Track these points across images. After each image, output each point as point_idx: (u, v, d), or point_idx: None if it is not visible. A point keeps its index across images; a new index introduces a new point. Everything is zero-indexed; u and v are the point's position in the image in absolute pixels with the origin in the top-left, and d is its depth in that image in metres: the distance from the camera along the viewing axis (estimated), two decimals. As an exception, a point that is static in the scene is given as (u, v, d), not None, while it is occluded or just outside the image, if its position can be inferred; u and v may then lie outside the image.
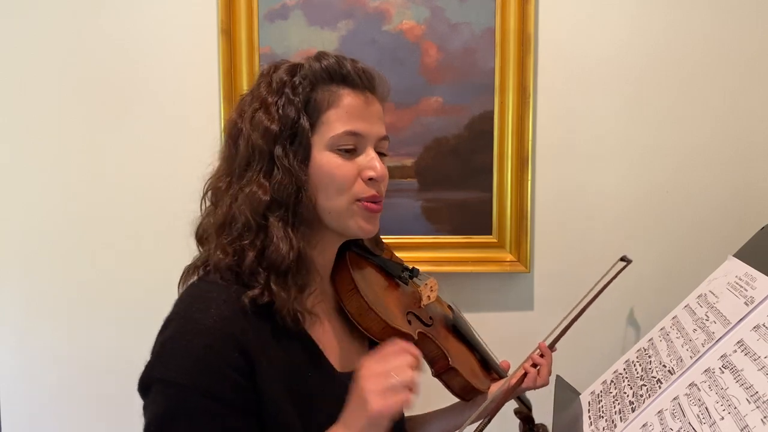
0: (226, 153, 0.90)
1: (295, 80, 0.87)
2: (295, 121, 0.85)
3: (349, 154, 0.88)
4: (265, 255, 0.83)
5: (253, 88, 0.91)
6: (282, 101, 0.86)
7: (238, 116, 0.89)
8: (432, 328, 1.06)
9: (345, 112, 0.87)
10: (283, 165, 0.84)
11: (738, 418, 0.71)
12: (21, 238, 1.57)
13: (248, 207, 0.84)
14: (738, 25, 1.51)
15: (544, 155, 1.54)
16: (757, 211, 1.51)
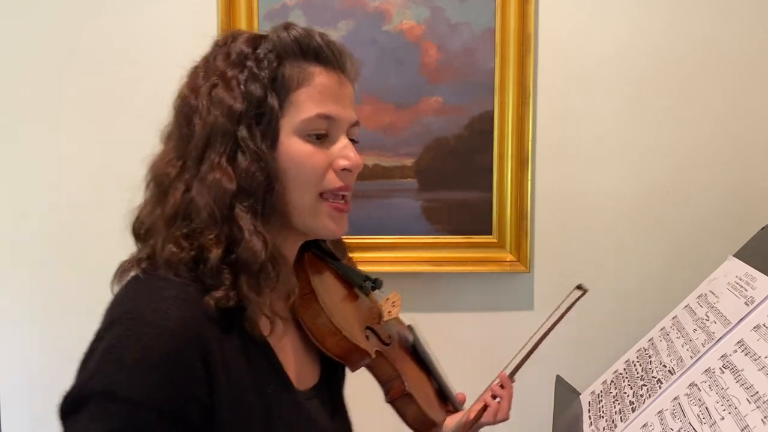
0: (176, 134, 0.77)
1: (259, 52, 0.76)
2: (262, 100, 0.74)
3: (319, 141, 0.77)
4: (233, 252, 0.71)
5: (207, 60, 0.79)
6: (244, 76, 0.75)
7: (191, 92, 0.77)
8: (390, 348, 0.96)
9: (317, 93, 0.76)
10: (250, 148, 0.73)
11: (738, 418, 0.71)
12: (21, 238, 1.57)
13: (211, 196, 0.71)
14: (738, 25, 1.51)
15: (544, 155, 1.54)
16: (757, 211, 1.51)
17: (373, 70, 1.50)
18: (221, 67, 0.76)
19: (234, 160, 0.73)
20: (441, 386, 1.10)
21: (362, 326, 0.90)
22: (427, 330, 1.14)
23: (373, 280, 0.95)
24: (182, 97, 0.78)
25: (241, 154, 0.73)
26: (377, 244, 1.54)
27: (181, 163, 0.75)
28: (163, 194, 0.75)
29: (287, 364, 0.79)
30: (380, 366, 0.94)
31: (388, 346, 0.96)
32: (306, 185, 0.77)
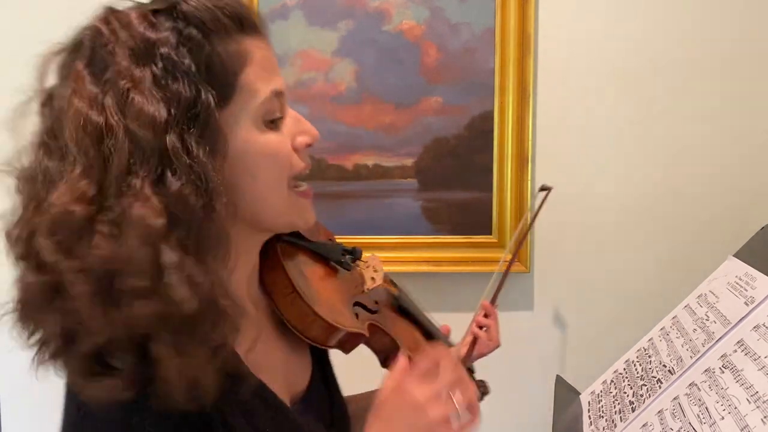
0: (82, 162, 0.56)
1: (169, 36, 0.59)
2: (193, 97, 0.58)
3: (275, 125, 0.66)
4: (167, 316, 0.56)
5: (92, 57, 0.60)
6: (159, 70, 0.58)
7: (90, 105, 0.57)
8: (378, 314, 0.91)
9: (261, 69, 0.64)
10: (184, 164, 0.56)
11: (738, 417, 0.71)
12: (21, 238, 1.57)
13: (138, 241, 0.54)
14: (739, 25, 1.51)
15: (544, 155, 1.54)
16: (757, 211, 1.51)
17: (373, 70, 1.50)
18: (123, 64, 0.58)
19: (161, 183, 0.56)
20: (429, 331, 1.06)
21: (349, 305, 0.84)
22: (427, 330, 1.14)
23: (351, 251, 0.88)
24: (77, 112, 0.57)
25: (171, 174, 0.56)
26: (377, 244, 1.54)
27: (94, 194, 0.56)
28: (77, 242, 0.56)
29: (276, 379, 0.72)
30: (375, 338, 0.89)
31: (377, 312, 0.91)
32: (278, 181, 0.66)
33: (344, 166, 1.53)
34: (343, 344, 0.81)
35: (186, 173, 0.57)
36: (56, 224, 0.56)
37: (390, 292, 1.01)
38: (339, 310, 0.80)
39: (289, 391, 0.76)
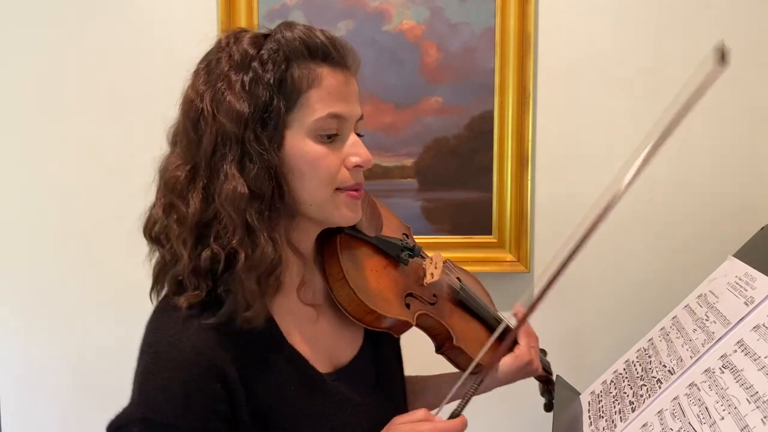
0: (183, 137, 0.79)
1: (264, 54, 0.77)
2: (268, 103, 0.76)
3: (330, 140, 0.80)
4: (250, 258, 0.75)
5: (209, 61, 0.80)
6: (248, 78, 0.76)
7: (196, 95, 0.78)
8: (435, 306, 1.00)
9: (327, 93, 0.79)
10: (258, 152, 0.75)
11: (738, 418, 0.71)
12: (21, 237, 1.57)
13: (230, 204, 0.75)
14: (739, 25, 1.51)
15: (544, 155, 1.54)
16: (757, 211, 1.51)
17: (373, 70, 1.50)
18: (225, 69, 0.77)
19: (243, 165, 0.75)
20: (490, 324, 1.10)
21: (401, 295, 0.95)
22: (427, 330, 1.14)
23: (411, 248, 1.00)
24: (188, 100, 0.79)
25: (248, 159, 0.75)
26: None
27: (190, 167, 0.77)
28: (179, 198, 0.77)
29: (316, 351, 0.85)
30: (427, 324, 0.99)
31: (434, 305, 1.00)
32: (320, 184, 0.80)
33: (344, 166, 1.53)
34: (390, 329, 0.92)
35: (259, 160, 0.75)
36: (166, 187, 0.78)
37: (453, 287, 1.09)
38: (386, 298, 0.91)
39: (331, 362, 0.88)
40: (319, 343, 0.87)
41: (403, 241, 1.01)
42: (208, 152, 0.76)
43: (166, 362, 0.74)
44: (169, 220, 0.77)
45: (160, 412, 0.73)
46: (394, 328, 0.93)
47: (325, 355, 0.87)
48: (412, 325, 0.93)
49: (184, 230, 0.76)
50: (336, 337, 0.90)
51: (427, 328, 1.00)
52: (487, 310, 1.11)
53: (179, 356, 0.74)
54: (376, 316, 0.88)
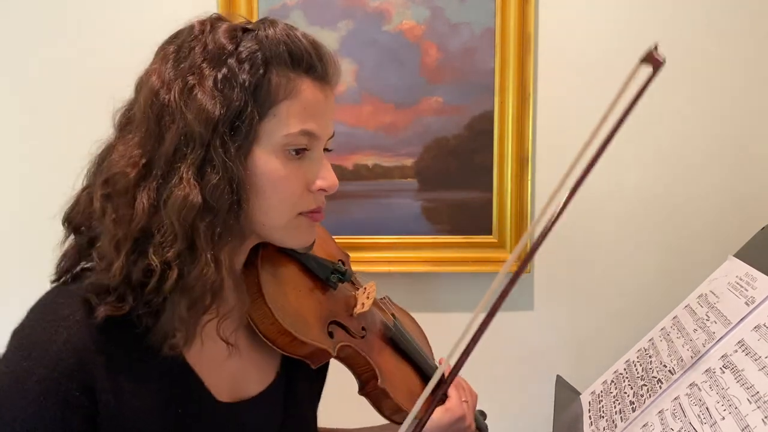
0: (141, 129, 0.69)
1: (242, 52, 0.69)
2: (242, 108, 0.67)
3: (298, 156, 0.72)
4: (186, 278, 0.66)
5: (179, 48, 0.70)
6: (222, 75, 0.67)
7: (162, 83, 0.69)
8: (363, 340, 0.91)
9: (302, 108, 0.71)
10: (222, 161, 0.66)
11: (739, 418, 0.71)
12: (21, 238, 1.57)
13: (176, 212, 0.65)
14: (739, 25, 1.51)
15: (544, 155, 1.54)
16: (757, 211, 1.51)
17: (373, 70, 1.50)
18: (198, 61, 0.68)
19: (202, 172, 0.67)
20: (421, 367, 1.02)
21: (325, 322, 0.86)
22: (427, 330, 1.13)
23: (342, 273, 0.90)
24: (151, 86, 0.69)
25: (210, 167, 0.67)
26: (377, 244, 1.54)
27: (144, 163, 0.68)
28: (122, 196, 0.67)
29: (215, 377, 0.76)
30: (349, 358, 0.90)
31: (362, 339, 0.91)
32: (281, 206, 0.72)
33: (344, 166, 1.53)
34: (307, 356, 0.83)
35: (222, 170, 0.66)
36: (110, 181, 0.68)
37: (385, 324, 1.00)
38: (305, 320, 0.82)
39: (234, 391, 0.79)
40: (222, 367, 0.77)
41: (336, 264, 0.92)
42: (169, 151, 0.67)
43: (31, 348, 0.65)
44: (105, 218, 0.68)
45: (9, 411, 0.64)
46: (311, 357, 0.83)
47: (228, 383, 0.78)
48: (332, 355, 0.84)
49: (121, 233, 0.66)
50: (247, 364, 0.81)
51: (351, 364, 0.91)
52: (421, 354, 1.03)
53: (47, 346, 0.65)
54: (290, 338, 0.78)
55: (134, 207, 0.66)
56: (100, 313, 0.66)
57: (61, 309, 0.68)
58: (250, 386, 0.81)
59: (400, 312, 1.08)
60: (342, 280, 0.91)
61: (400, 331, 1.02)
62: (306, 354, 0.82)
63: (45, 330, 0.66)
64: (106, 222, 0.68)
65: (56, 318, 0.67)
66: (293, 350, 0.80)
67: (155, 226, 0.66)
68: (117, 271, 0.66)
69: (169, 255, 0.66)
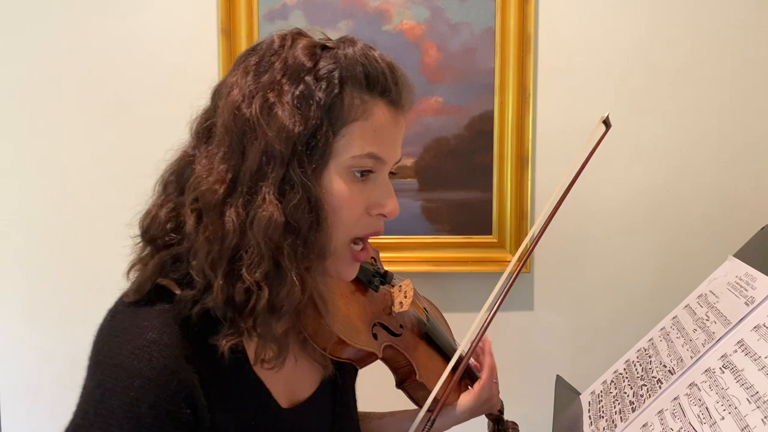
0: (224, 144, 0.68)
1: (320, 69, 0.68)
2: (318, 126, 0.67)
3: (362, 178, 0.71)
4: (272, 296, 0.67)
5: (259, 61, 0.70)
6: (299, 92, 0.67)
7: (243, 97, 0.68)
8: (400, 338, 0.94)
9: (372, 131, 0.70)
10: (299, 179, 0.66)
11: (738, 418, 0.71)
12: (21, 238, 1.57)
13: (262, 232, 0.65)
14: (739, 25, 1.51)
15: (544, 155, 1.54)
16: (757, 211, 1.51)
17: (373, 70, 1.50)
18: (278, 77, 0.68)
19: (282, 191, 0.67)
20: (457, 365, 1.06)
21: (369, 324, 0.88)
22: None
23: (383, 275, 0.92)
24: (233, 101, 0.68)
25: (289, 186, 0.66)
26: (377, 244, 1.53)
27: (230, 178, 0.67)
28: (213, 212, 0.67)
29: (278, 384, 0.77)
30: (391, 358, 0.93)
31: (399, 336, 0.94)
32: (339, 227, 0.71)
33: (344, 166, 1.52)
34: (355, 360, 0.85)
35: (301, 189, 0.66)
36: (200, 198, 0.67)
37: (419, 318, 1.03)
38: (355, 327, 0.84)
39: (291, 396, 0.80)
40: (280, 374, 0.77)
41: (375, 266, 0.94)
42: (252, 168, 0.66)
43: (130, 379, 0.63)
44: (199, 235, 0.67)
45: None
46: (358, 360, 0.85)
47: (285, 388, 0.79)
48: (378, 357, 0.86)
49: (215, 251, 0.66)
50: (297, 369, 0.82)
51: (391, 361, 0.93)
52: (452, 346, 1.06)
53: (146, 374, 0.64)
54: (342, 345, 0.80)
55: (224, 224, 0.66)
56: (223, 346, 0.67)
57: (147, 333, 0.66)
58: (303, 390, 0.82)
59: (428, 304, 1.10)
60: (383, 282, 0.93)
61: (434, 326, 1.04)
62: (354, 358, 0.83)
63: (138, 357, 0.64)
64: (199, 239, 0.67)
65: (146, 343, 0.65)
66: (343, 355, 0.82)
67: (243, 245, 0.66)
68: (218, 292, 0.66)
69: (257, 275, 0.66)
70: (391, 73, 0.73)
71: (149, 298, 0.69)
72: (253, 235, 0.66)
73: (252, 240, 0.66)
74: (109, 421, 0.63)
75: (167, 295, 0.70)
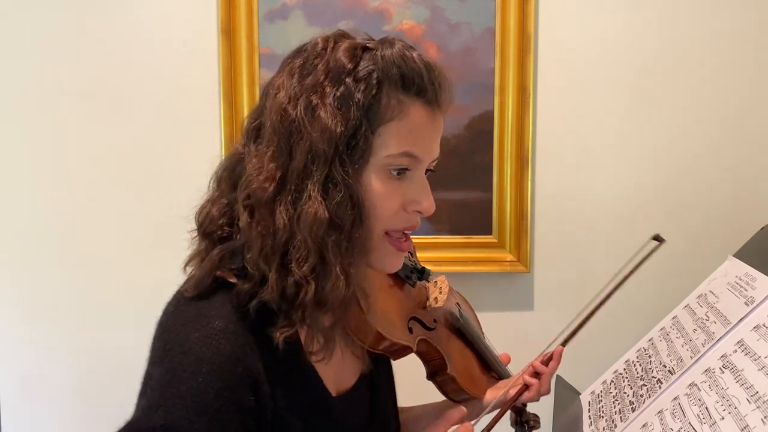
0: (272, 143, 0.71)
1: (359, 71, 0.71)
2: (358, 126, 0.69)
3: (398, 177, 0.74)
4: (319, 290, 0.70)
5: (304, 63, 0.73)
6: (340, 93, 0.70)
7: (289, 99, 0.71)
8: (434, 332, 0.97)
9: (408, 130, 0.73)
10: (342, 178, 0.69)
11: (738, 418, 0.71)
12: (21, 238, 1.57)
13: (308, 228, 0.69)
14: (739, 25, 1.51)
15: (544, 155, 1.54)
16: (757, 211, 1.51)
17: (373, 70, 1.50)
18: (321, 79, 0.71)
19: (326, 189, 0.70)
20: (485, 357, 1.10)
21: (405, 319, 0.91)
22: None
23: (420, 271, 0.95)
24: (280, 103, 0.72)
25: (332, 184, 0.70)
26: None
27: (279, 177, 0.70)
28: (263, 210, 0.70)
29: (328, 374, 0.80)
30: (425, 352, 0.96)
31: (433, 330, 0.96)
32: (374, 223, 0.73)
33: (344, 166, 1.53)
34: (391, 353, 0.88)
35: (344, 187, 0.69)
36: (252, 195, 0.70)
37: (452, 314, 1.05)
38: (392, 321, 0.87)
39: (338, 383, 0.83)
40: (330, 365, 0.81)
41: (412, 261, 0.96)
42: (299, 167, 0.70)
43: (198, 365, 0.66)
44: (252, 231, 0.70)
45: (187, 422, 0.65)
46: (394, 352, 0.89)
47: (333, 377, 0.82)
48: (413, 350, 0.90)
49: (268, 246, 0.70)
50: (342, 358, 0.85)
51: (424, 355, 0.97)
52: (482, 341, 1.09)
53: (214, 360, 0.66)
54: (380, 338, 0.83)
55: (275, 221, 0.70)
56: (278, 338, 0.70)
57: (214, 321, 0.69)
58: (347, 379, 0.86)
59: (461, 299, 1.12)
60: (420, 278, 0.95)
61: (467, 321, 1.07)
62: (390, 350, 0.87)
63: (206, 344, 0.67)
64: (253, 234, 0.70)
65: (213, 332, 0.68)
66: (379, 347, 0.85)
67: (292, 240, 0.70)
68: (273, 285, 0.69)
69: (305, 269, 0.69)
70: (428, 73, 0.75)
71: (210, 290, 0.72)
72: (300, 231, 0.69)
73: (299, 236, 0.69)
74: (175, 405, 0.65)
75: (226, 286, 0.72)
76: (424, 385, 1.00)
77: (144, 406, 0.67)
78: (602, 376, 1.15)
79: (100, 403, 1.57)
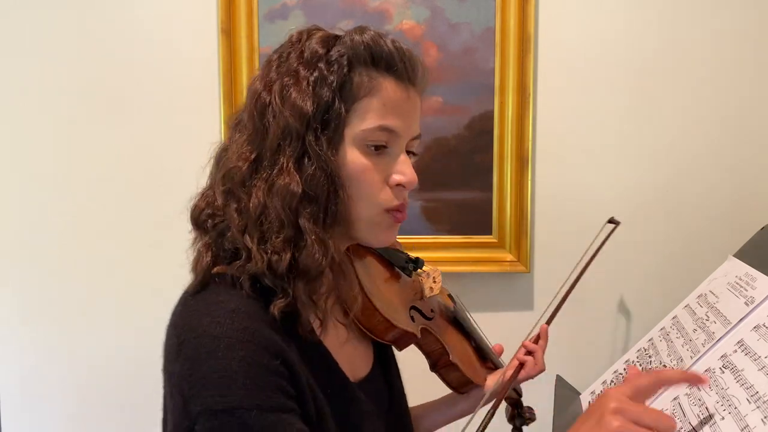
0: (249, 126, 0.76)
1: (332, 55, 0.75)
2: (330, 104, 0.73)
3: (377, 152, 0.77)
4: (296, 259, 0.72)
5: (280, 55, 0.78)
6: (314, 77, 0.74)
7: (264, 86, 0.76)
8: (432, 321, 1.00)
9: (382, 105, 0.76)
10: (316, 153, 0.73)
11: (738, 418, 0.71)
12: (21, 238, 1.57)
13: (281, 200, 0.72)
14: (739, 25, 1.51)
15: (544, 155, 1.54)
16: (757, 211, 1.51)
17: (373, 70, 1.50)
18: (294, 65, 0.75)
19: (300, 164, 0.73)
20: (480, 347, 1.13)
21: (407, 308, 0.94)
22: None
23: (414, 260, 0.99)
24: (255, 91, 0.77)
25: (307, 159, 0.73)
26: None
27: (254, 157, 0.74)
28: (238, 189, 0.74)
29: (342, 359, 0.81)
30: (426, 341, 0.98)
31: (431, 320, 1.00)
32: (366, 198, 0.77)
33: (344, 166, 1.53)
34: (397, 341, 0.91)
35: (317, 161, 0.73)
36: (227, 176, 0.75)
37: (447, 305, 1.09)
38: (396, 309, 0.90)
39: (352, 370, 0.84)
40: (343, 349, 0.83)
41: (403, 252, 1.00)
42: (273, 145, 0.74)
43: (214, 343, 0.66)
44: (229, 209, 0.74)
45: (220, 398, 0.65)
46: (399, 341, 0.91)
47: (348, 364, 0.83)
48: (417, 338, 0.91)
49: (244, 221, 0.73)
50: (353, 350, 0.87)
51: (425, 345, 0.99)
52: (477, 330, 1.13)
53: (229, 334, 0.67)
54: (387, 325, 0.86)
55: (249, 196, 0.73)
56: (273, 309, 0.71)
57: (226, 305, 0.70)
58: (360, 368, 0.87)
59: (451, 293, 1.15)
60: (416, 267, 0.99)
61: (462, 310, 1.10)
62: (396, 339, 0.89)
63: (220, 323, 0.68)
64: (230, 213, 0.74)
65: (225, 312, 0.69)
66: (386, 336, 0.87)
67: (266, 213, 0.73)
68: (257, 256, 0.71)
69: (280, 239, 0.72)
70: (398, 52, 0.78)
71: (212, 282, 0.74)
72: (272, 203, 0.72)
73: (273, 208, 0.72)
74: (205, 390, 0.65)
75: (225, 279, 0.74)
76: (423, 384, 1.01)
77: (179, 405, 0.67)
78: (602, 376, 1.15)
79: (100, 403, 1.57)
